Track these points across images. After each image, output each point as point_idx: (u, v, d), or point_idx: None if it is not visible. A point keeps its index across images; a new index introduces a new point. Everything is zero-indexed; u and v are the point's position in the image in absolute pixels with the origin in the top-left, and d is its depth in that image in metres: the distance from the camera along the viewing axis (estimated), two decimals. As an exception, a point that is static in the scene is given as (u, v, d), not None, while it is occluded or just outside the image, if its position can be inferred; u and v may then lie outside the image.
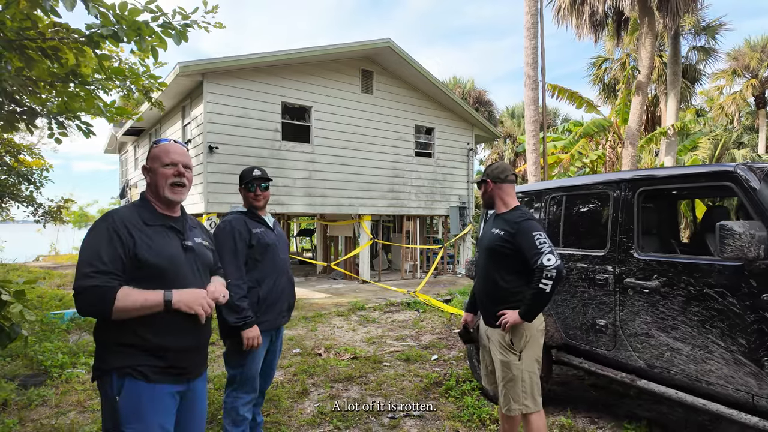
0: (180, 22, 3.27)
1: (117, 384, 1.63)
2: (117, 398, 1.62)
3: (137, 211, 1.77)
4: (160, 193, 1.79)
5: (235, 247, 2.52)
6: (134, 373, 1.63)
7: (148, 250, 1.67)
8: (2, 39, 3.12)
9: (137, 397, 1.63)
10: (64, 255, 19.02)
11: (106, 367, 1.65)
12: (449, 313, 7.48)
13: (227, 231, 2.56)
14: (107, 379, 1.64)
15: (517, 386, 2.46)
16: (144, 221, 1.74)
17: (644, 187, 3.02)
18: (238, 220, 2.60)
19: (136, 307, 1.58)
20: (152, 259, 1.67)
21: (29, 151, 8.28)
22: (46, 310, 7.04)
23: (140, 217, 1.74)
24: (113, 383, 1.63)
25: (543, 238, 2.35)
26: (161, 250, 1.71)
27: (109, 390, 1.63)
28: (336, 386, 4.26)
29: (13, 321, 2.29)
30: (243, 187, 2.69)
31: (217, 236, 2.55)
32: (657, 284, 2.81)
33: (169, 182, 1.78)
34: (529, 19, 9.71)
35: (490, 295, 2.58)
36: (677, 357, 2.71)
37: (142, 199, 1.85)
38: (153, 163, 1.81)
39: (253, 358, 2.57)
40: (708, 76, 18.58)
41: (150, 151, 1.86)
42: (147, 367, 1.65)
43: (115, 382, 1.63)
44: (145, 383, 1.64)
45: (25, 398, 3.75)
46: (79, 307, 1.58)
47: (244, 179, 2.69)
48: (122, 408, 1.61)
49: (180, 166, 1.81)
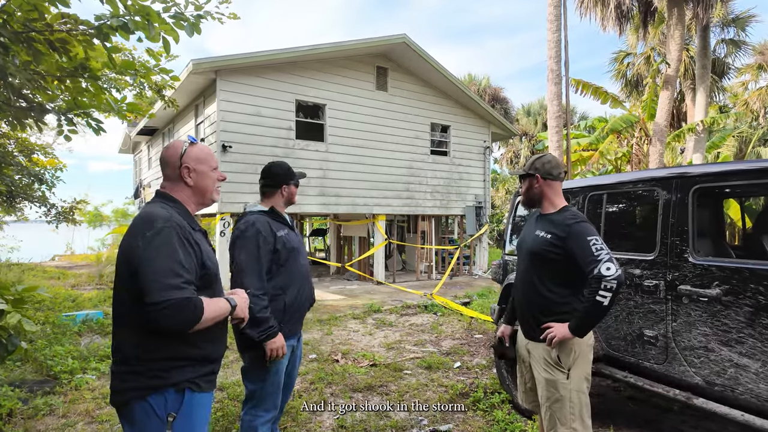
0: (193, 12, 3.07)
1: (173, 400, 1.52)
2: (172, 416, 1.51)
3: (179, 214, 1.62)
4: (208, 195, 1.75)
5: (258, 253, 2.27)
6: (192, 386, 1.56)
7: (207, 257, 1.64)
8: (9, 31, 2.95)
9: (190, 410, 1.56)
10: (79, 255, 19.12)
11: (160, 384, 1.51)
12: (469, 317, 7.20)
13: (250, 235, 2.29)
14: (159, 398, 1.50)
15: (565, 408, 2.19)
16: (190, 225, 1.65)
17: (700, 184, 2.72)
18: (262, 222, 2.34)
19: (214, 316, 1.55)
20: (210, 266, 1.65)
21: (43, 151, 8.21)
22: (59, 312, 6.94)
23: (185, 221, 1.63)
24: (167, 401, 1.51)
25: (600, 243, 2.07)
26: (212, 256, 1.69)
27: (159, 410, 1.50)
28: (356, 396, 4.03)
29: (11, 332, 2.10)
30: (286, 184, 2.48)
31: (238, 239, 2.30)
32: (718, 292, 2.51)
33: (216, 186, 1.79)
34: (552, 11, 9.37)
35: (532, 305, 2.31)
36: (743, 374, 2.41)
37: (172, 200, 1.66)
38: (200, 165, 1.72)
39: (276, 371, 2.35)
40: (735, 71, 17.93)
41: (189, 152, 1.70)
42: (201, 377, 1.60)
43: (170, 400, 1.52)
44: (199, 393, 1.59)
45: (31, 408, 3.58)
46: (168, 321, 1.43)
47: (289, 176, 2.49)
48: (178, 426, 1.52)
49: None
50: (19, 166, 7.38)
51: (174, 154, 1.69)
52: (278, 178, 2.48)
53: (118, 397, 1.53)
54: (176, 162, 1.69)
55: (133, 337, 1.50)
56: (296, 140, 10.13)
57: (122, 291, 1.53)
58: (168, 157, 1.70)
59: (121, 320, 1.54)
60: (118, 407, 1.55)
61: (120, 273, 1.54)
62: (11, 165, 6.83)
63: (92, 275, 11.76)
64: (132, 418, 1.51)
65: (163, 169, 1.73)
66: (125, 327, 1.53)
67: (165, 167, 1.72)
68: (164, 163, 1.72)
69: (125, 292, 1.51)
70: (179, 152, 1.69)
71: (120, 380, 1.52)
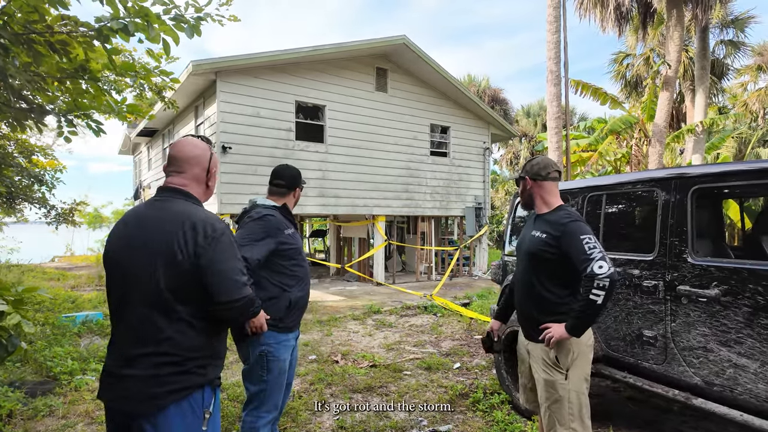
0: (193, 15, 3.08)
1: (208, 397, 1.55)
2: (209, 412, 1.54)
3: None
4: (210, 197, 1.80)
5: (262, 238, 2.29)
6: (218, 382, 1.62)
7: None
8: (9, 33, 2.96)
9: (217, 406, 1.61)
10: (79, 256, 19.13)
11: (202, 382, 1.53)
12: (468, 318, 7.20)
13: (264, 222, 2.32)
14: (198, 396, 1.52)
15: (564, 408, 2.20)
16: None
17: (700, 184, 2.73)
18: (277, 217, 2.40)
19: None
20: None
21: (43, 152, 8.21)
22: (59, 313, 6.93)
23: None
24: (204, 398, 1.54)
25: (593, 242, 2.08)
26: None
27: (197, 408, 1.51)
28: (355, 397, 4.03)
29: (11, 332, 2.10)
30: (299, 187, 2.60)
31: (252, 220, 2.32)
32: (717, 292, 2.52)
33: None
34: (552, 12, 9.38)
35: (531, 305, 2.32)
36: (742, 375, 2.42)
37: (197, 201, 1.67)
38: (217, 169, 1.80)
39: (279, 372, 2.37)
40: (735, 72, 17.95)
41: (214, 156, 1.78)
42: (219, 374, 1.65)
43: (206, 397, 1.55)
44: (218, 390, 1.63)
45: (31, 409, 3.58)
46: (240, 316, 1.61)
47: (301, 180, 2.62)
48: (211, 422, 1.55)
49: None
50: (19, 167, 7.39)
51: (204, 155, 1.69)
52: (294, 181, 2.56)
53: (156, 401, 1.43)
54: (206, 164, 1.69)
55: (185, 337, 1.48)
56: (296, 141, 10.14)
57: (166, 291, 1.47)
58: (200, 157, 1.68)
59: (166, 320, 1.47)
60: (147, 414, 1.44)
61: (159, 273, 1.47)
62: (11, 166, 6.83)
63: (92, 276, 11.77)
64: (165, 422, 1.44)
65: (188, 167, 1.67)
66: (174, 327, 1.47)
67: (193, 165, 1.67)
68: (194, 160, 1.67)
69: (170, 293, 1.47)
70: (208, 155, 1.71)
71: (160, 384, 1.44)
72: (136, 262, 1.50)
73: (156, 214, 1.56)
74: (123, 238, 1.57)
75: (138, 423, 1.45)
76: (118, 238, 1.59)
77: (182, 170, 1.67)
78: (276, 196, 2.53)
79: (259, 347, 2.30)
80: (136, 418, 1.46)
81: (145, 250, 1.50)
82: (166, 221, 1.52)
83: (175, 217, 1.53)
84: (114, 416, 1.53)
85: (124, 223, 1.61)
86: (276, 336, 2.34)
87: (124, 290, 1.52)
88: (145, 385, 1.44)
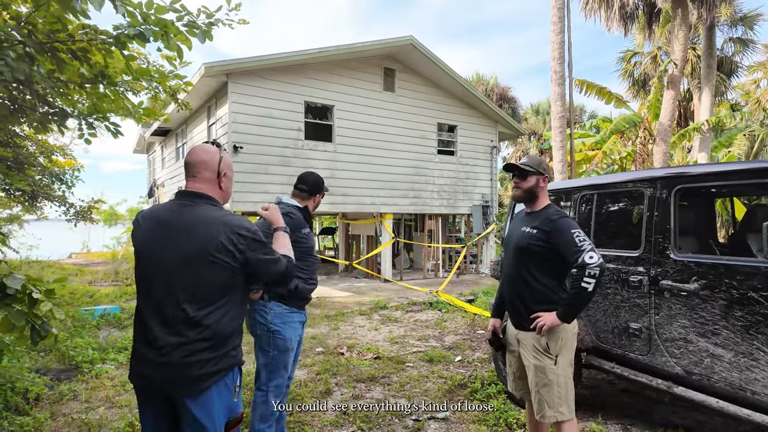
0: (205, 21, 3.28)
1: (238, 373, 1.78)
2: (237, 386, 1.77)
3: None
4: (228, 199, 1.94)
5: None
6: (243, 360, 1.84)
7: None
8: (34, 42, 3.20)
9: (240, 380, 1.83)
10: (95, 252, 19.60)
11: (236, 362, 1.77)
12: (472, 314, 7.36)
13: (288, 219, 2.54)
14: (233, 375, 1.75)
15: (553, 392, 2.37)
16: None
17: (681, 184, 2.88)
18: (298, 219, 2.69)
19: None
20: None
21: (62, 152, 8.52)
22: (78, 306, 7.25)
23: None
24: (235, 376, 1.76)
25: (582, 235, 2.26)
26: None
27: (231, 384, 1.74)
28: (359, 386, 4.23)
29: (44, 319, 2.33)
30: (320, 194, 2.90)
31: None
32: (696, 287, 2.67)
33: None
34: (556, 13, 9.46)
35: (521, 296, 2.48)
36: (718, 364, 2.57)
37: (217, 203, 1.84)
38: (230, 171, 1.91)
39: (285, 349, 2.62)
40: (744, 69, 17.77)
41: (225, 159, 1.89)
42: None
43: (236, 374, 1.77)
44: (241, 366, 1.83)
45: (57, 393, 3.85)
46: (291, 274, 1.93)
47: (323, 187, 2.92)
48: (238, 396, 1.78)
49: None
50: (41, 167, 7.70)
51: (213, 159, 1.83)
52: (316, 187, 2.87)
53: (202, 383, 1.64)
54: (215, 167, 1.83)
55: (229, 321, 1.72)
56: (305, 141, 10.36)
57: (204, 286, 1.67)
58: (208, 161, 1.82)
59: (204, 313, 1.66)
60: (192, 395, 1.63)
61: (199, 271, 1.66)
62: (33, 166, 7.14)
63: (108, 272, 12.12)
64: (207, 401, 1.65)
65: (199, 171, 1.81)
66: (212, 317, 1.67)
67: (203, 169, 1.81)
68: (202, 165, 1.81)
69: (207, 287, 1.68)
70: (217, 158, 1.84)
71: (210, 365, 1.65)
72: (171, 261, 1.69)
73: (187, 219, 1.73)
74: (158, 239, 1.73)
75: (182, 402, 1.65)
76: (152, 238, 1.74)
77: (195, 175, 1.82)
78: (299, 198, 2.84)
79: (267, 324, 2.57)
80: (180, 398, 1.65)
81: (181, 251, 1.68)
82: (198, 225, 1.71)
83: (207, 222, 1.71)
84: (152, 397, 1.72)
85: (158, 224, 1.75)
86: (282, 316, 2.61)
87: (165, 288, 1.68)
88: (201, 367, 1.64)
